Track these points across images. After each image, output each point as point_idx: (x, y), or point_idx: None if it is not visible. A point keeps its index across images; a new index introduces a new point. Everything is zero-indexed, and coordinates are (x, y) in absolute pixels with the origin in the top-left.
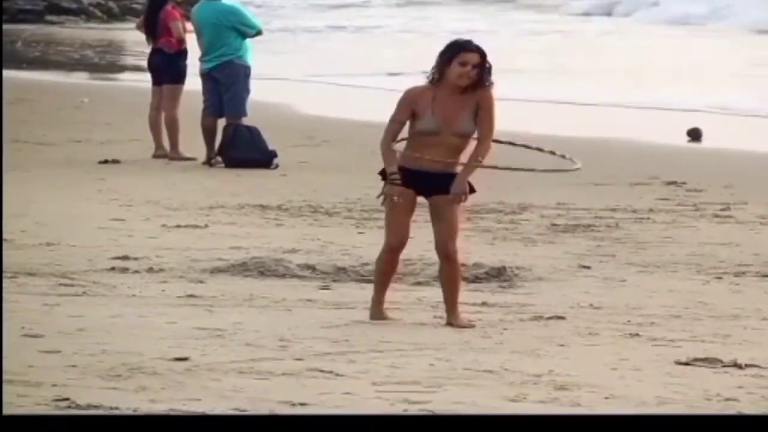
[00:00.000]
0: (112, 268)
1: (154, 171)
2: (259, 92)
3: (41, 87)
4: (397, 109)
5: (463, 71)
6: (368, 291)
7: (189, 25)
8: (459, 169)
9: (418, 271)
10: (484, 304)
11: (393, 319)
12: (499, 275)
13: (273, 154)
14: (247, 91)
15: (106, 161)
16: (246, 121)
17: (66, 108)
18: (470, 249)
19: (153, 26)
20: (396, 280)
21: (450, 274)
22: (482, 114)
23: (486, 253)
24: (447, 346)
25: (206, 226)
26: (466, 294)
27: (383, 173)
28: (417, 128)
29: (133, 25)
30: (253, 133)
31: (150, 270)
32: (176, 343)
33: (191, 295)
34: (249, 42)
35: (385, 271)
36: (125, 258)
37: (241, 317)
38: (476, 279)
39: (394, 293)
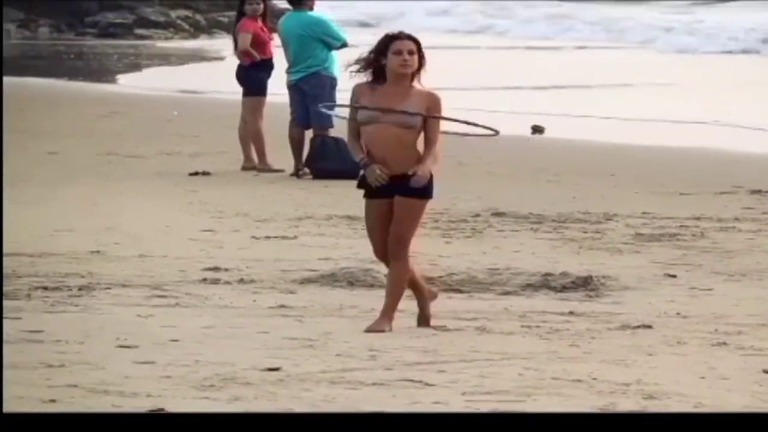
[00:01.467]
0: (204, 279)
1: (243, 183)
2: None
3: (133, 100)
4: (350, 108)
5: (400, 60)
6: (455, 301)
7: (274, 37)
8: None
9: (504, 280)
10: (571, 313)
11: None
12: (585, 285)
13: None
14: (333, 101)
15: (196, 173)
16: (333, 132)
17: (157, 121)
18: (557, 258)
19: (235, 38)
20: (483, 290)
21: (393, 276)
22: (432, 118)
23: (572, 262)
24: (535, 356)
25: (295, 237)
26: (554, 303)
27: (361, 182)
28: (359, 121)
29: (219, 37)
30: (340, 144)
31: (241, 281)
32: (268, 353)
33: (282, 306)
34: (335, 53)
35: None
36: (216, 269)
37: (331, 327)
38: (563, 288)
39: (473, 302)
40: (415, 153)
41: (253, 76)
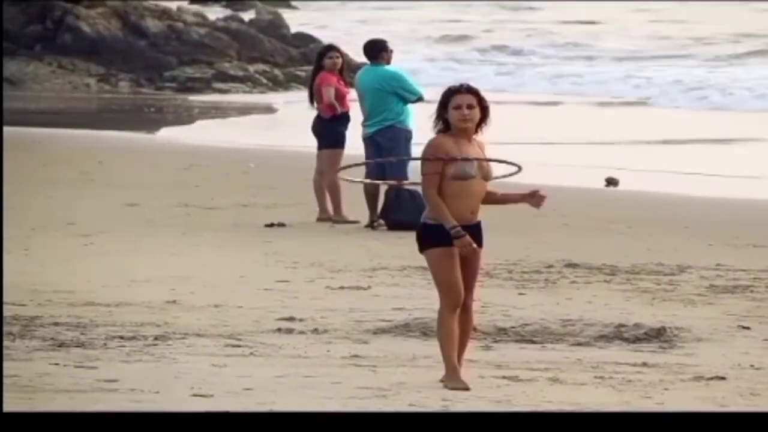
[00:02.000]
0: (278, 329)
1: (318, 234)
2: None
3: (210, 153)
4: (429, 163)
5: (459, 114)
6: (528, 351)
7: (351, 91)
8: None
9: (578, 331)
10: (644, 364)
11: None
12: (659, 336)
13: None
14: (408, 155)
15: (272, 224)
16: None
17: (233, 173)
18: (630, 309)
19: (312, 91)
20: (556, 341)
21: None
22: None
23: (645, 313)
24: (608, 407)
25: (369, 287)
26: (627, 354)
27: (420, 237)
28: (452, 175)
29: (297, 92)
30: (415, 196)
31: (315, 331)
32: (341, 402)
33: (355, 356)
34: (410, 107)
35: (453, 331)
36: (291, 319)
37: (405, 377)
38: (636, 340)
39: (546, 353)
40: None
41: (331, 128)
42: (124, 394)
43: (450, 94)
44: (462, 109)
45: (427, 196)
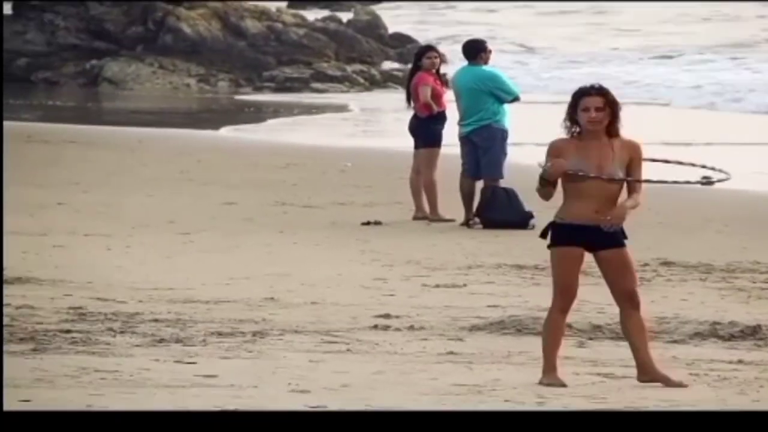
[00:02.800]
0: (375, 326)
1: (414, 232)
2: (516, 154)
3: (307, 152)
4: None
5: (587, 117)
6: (623, 349)
7: (447, 91)
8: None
9: (672, 329)
10: (740, 362)
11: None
12: (754, 334)
13: (529, 215)
14: (504, 153)
15: (368, 223)
16: (503, 183)
17: (330, 172)
18: (725, 308)
19: (409, 91)
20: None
21: (641, 323)
22: (635, 165)
23: (740, 311)
24: (703, 403)
25: (465, 285)
26: (722, 351)
27: (545, 233)
28: (568, 178)
29: (394, 91)
30: (510, 195)
31: (411, 328)
32: (437, 399)
33: (451, 352)
34: (506, 106)
35: (558, 330)
36: (387, 316)
37: (500, 374)
38: (731, 337)
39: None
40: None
41: (428, 127)
42: (223, 389)
43: (579, 95)
44: (590, 112)
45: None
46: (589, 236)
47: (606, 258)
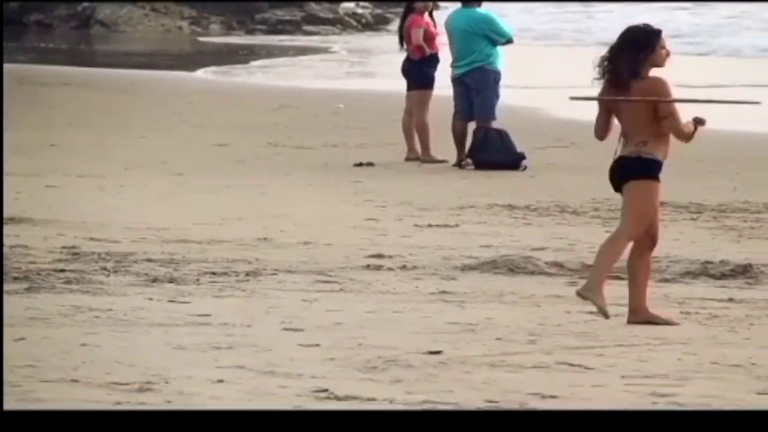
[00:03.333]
0: (368, 266)
1: (406, 173)
2: (508, 96)
3: (300, 94)
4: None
5: (667, 53)
6: (616, 287)
7: (440, 33)
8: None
9: (664, 268)
10: (730, 300)
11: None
12: (745, 272)
13: (521, 156)
14: (496, 95)
15: (360, 164)
16: (495, 124)
17: (323, 114)
18: (716, 247)
19: (401, 33)
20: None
21: (649, 265)
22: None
23: (732, 250)
24: (694, 341)
25: (457, 225)
26: (713, 290)
27: (639, 169)
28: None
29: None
30: (503, 136)
31: (403, 267)
32: (430, 337)
33: (443, 291)
34: (499, 48)
35: (619, 255)
36: (380, 256)
37: (492, 312)
38: (722, 276)
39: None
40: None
41: (421, 70)
42: (217, 328)
43: (658, 34)
44: (667, 48)
45: (679, 129)
46: None
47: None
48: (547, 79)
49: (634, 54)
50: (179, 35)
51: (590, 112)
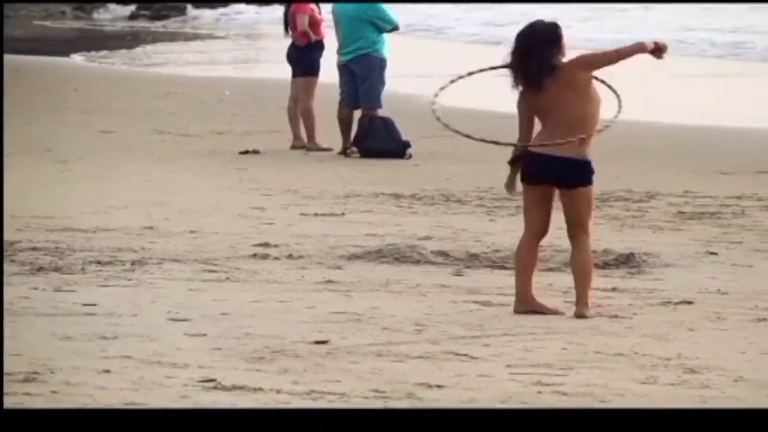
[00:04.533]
0: (254, 255)
1: (292, 161)
2: (395, 84)
3: (186, 81)
4: None
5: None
6: (500, 276)
7: (326, 19)
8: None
9: (548, 257)
10: (614, 289)
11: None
12: (627, 261)
13: (407, 145)
14: (382, 83)
15: (246, 152)
16: (381, 112)
17: (209, 101)
18: (599, 236)
19: (286, 19)
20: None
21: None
22: None
23: (614, 240)
24: (578, 330)
25: (343, 214)
26: (597, 279)
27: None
28: None
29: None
30: (388, 124)
31: (290, 256)
32: (316, 327)
33: (329, 281)
34: (385, 36)
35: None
36: (266, 245)
37: (378, 302)
38: (606, 265)
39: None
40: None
41: (306, 56)
42: (103, 317)
43: (559, 26)
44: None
45: (612, 53)
46: None
47: None
48: (435, 68)
49: (547, 49)
50: (62, 20)
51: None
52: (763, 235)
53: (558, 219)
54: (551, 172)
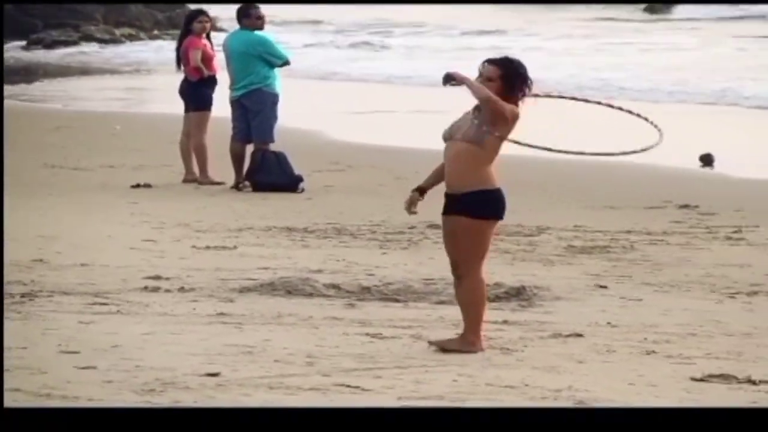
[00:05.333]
0: (145, 288)
1: (184, 195)
2: (288, 119)
3: (77, 115)
4: None
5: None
6: (392, 309)
7: (218, 54)
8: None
9: (440, 290)
10: (505, 322)
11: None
12: (518, 294)
13: (299, 179)
14: (274, 117)
15: (138, 185)
16: (273, 146)
17: (100, 135)
18: (490, 269)
19: (179, 55)
20: (419, 299)
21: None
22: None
23: (506, 273)
24: (469, 363)
25: (235, 247)
26: (488, 312)
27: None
28: None
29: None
30: (280, 159)
31: (181, 289)
32: (207, 359)
33: (221, 313)
34: (277, 71)
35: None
36: (157, 278)
37: (270, 334)
38: (497, 298)
39: (409, 311)
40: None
41: (199, 91)
42: None
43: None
44: (481, 78)
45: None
46: None
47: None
48: (330, 105)
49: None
50: None
51: (366, 137)
52: (652, 269)
53: (444, 253)
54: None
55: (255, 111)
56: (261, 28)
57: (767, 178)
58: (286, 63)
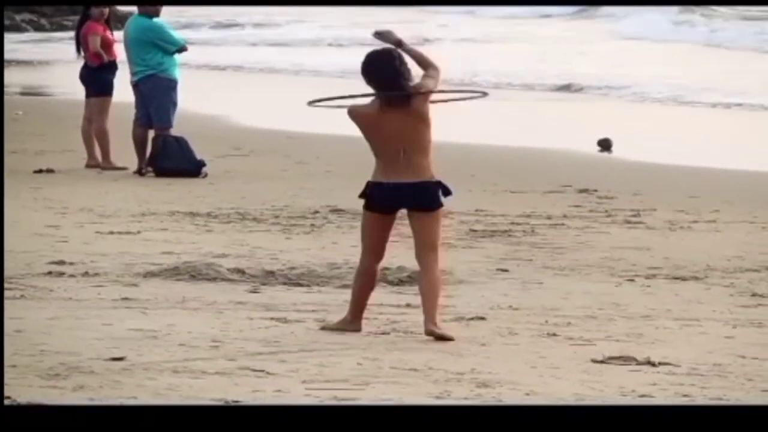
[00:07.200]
0: (49, 273)
1: (87, 180)
2: (191, 104)
3: None
4: None
5: None
6: (296, 293)
7: (117, 39)
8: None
9: (343, 274)
10: (407, 305)
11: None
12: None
13: (201, 164)
14: (172, 103)
15: (40, 171)
16: (177, 131)
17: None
18: (394, 253)
19: (78, 40)
20: (323, 284)
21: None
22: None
23: (408, 257)
24: (374, 346)
25: (139, 232)
26: (391, 296)
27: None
28: None
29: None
30: (182, 144)
31: (85, 274)
32: (112, 343)
33: (126, 298)
34: (176, 56)
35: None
36: (61, 263)
37: (174, 319)
38: (399, 282)
39: (313, 295)
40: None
41: (99, 77)
42: None
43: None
44: None
45: None
46: None
47: None
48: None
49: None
50: None
51: (268, 122)
52: (553, 253)
53: (351, 237)
54: (408, 198)
55: (151, 96)
56: (157, 15)
57: (664, 162)
58: (181, 49)
